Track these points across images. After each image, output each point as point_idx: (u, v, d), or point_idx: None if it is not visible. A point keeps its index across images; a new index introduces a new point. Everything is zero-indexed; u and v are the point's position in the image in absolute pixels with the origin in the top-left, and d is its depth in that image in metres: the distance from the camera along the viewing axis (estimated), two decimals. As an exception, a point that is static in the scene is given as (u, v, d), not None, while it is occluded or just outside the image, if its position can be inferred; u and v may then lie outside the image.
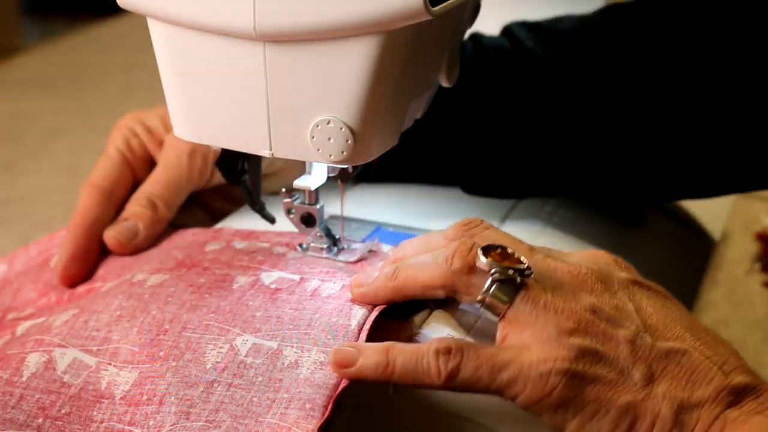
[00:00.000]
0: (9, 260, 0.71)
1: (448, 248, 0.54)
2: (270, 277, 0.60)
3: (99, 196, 0.69)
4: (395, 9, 0.52)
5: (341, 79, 0.55)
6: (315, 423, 0.51)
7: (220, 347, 0.55)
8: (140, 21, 0.59)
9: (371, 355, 0.52)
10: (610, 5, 0.76)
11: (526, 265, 0.53)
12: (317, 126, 0.57)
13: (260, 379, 0.54)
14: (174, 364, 0.55)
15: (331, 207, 0.67)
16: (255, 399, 0.53)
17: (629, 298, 0.54)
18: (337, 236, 0.65)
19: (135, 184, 0.71)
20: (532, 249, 0.56)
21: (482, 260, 0.53)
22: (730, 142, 0.70)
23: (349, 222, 0.69)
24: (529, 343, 0.51)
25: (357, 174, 0.63)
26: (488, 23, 0.71)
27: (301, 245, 0.65)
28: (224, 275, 0.60)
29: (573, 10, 0.87)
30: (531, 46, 0.73)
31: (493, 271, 0.53)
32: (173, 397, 0.53)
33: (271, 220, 0.67)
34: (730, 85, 0.69)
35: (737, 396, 0.51)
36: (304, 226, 0.64)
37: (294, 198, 0.64)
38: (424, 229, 0.69)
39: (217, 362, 0.55)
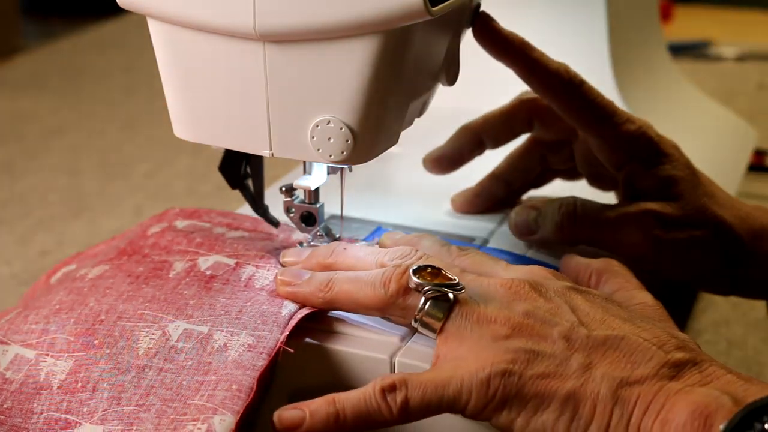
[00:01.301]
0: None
1: (386, 272, 0.55)
2: (206, 261, 0.61)
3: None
4: (395, 9, 0.52)
5: (341, 79, 0.55)
6: (241, 404, 0.52)
7: (153, 334, 0.57)
8: (140, 21, 0.59)
9: (319, 410, 0.52)
10: None
11: (456, 281, 0.54)
12: (317, 126, 0.57)
13: (190, 363, 0.55)
14: (108, 351, 0.56)
15: (331, 207, 0.67)
16: (184, 382, 0.54)
17: (565, 301, 0.54)
18: (338, 236, 0.65)
19: None
20: (463, 270, 0.57)
21: (414, 279, 0.54)
22: None
23: (349, 222, 0.69)
24: (466, 356, 0.52)
25: None
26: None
27: (300, 244, 0.65)
28: (162, 262, 0.62)
29: (574, 10, 0.87)
30: None
31: (426, 289, 0.54)
32: (106, 383, 0.55)
33: (275, 224, 0.67)
34: None
35: (679, 371, 0.51)
36: (304, 225, 0.64)
37: (294, 197, 0.64)
38: (424, 230, 0.69)
39: (149, 348, 0.56)
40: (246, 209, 0.74)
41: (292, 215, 0.65)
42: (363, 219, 0.71)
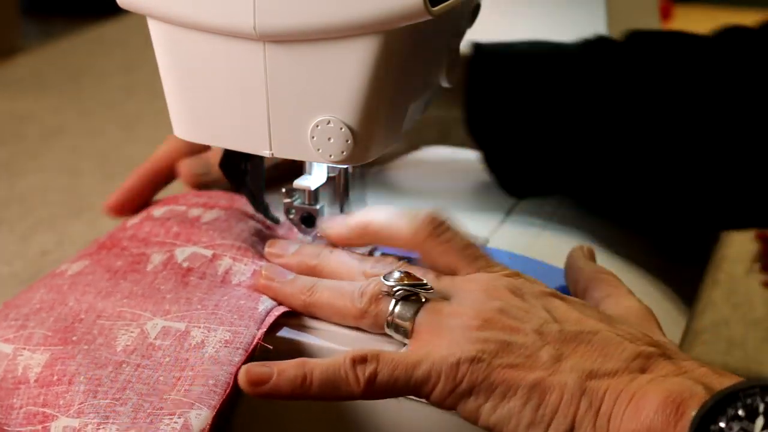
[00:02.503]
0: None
1: (362, 285, 0.56)
2: (183, 252, 0.61)
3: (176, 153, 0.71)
4: (395, 9, 0.52)
5: (341, 79, 0.55)
6: (217, 399, 0.53)
7: (131, 332, 0.57)
8: (140, 21, 0.59)
9: (287, 370, 0.52)
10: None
11: (425, 282, 0.55)
12: (317, 126, 0.57)
13: (167, 359, 0.55)
14: (86, 347, 0.57)
15: (330, 207, 0.67)
16: (161, 378, 0.55)
17: (541, 304, 0.54)
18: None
19: None
20: (439, 275, 0.57)
21: (385, 283, 0.55)
22: None
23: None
24: (439, 343, 0.52)
25: None
26: (488, 23, 0.71)
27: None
28: (140, 255, 0.62)
29: (573, 10, 0.87)
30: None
31: (395, 290, 0.55)
32: (82, 377, 0.55)
33: (276, 222, 0.67)
34: None
35: (651, 362, 0.51)
36: (304, 226, 0.64)
37: (294, 198, 0.64)
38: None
39: (127, 345, 0.56)
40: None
41: (292, 216, 0.65)
42: (363, 219, 0.71)
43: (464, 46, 0.66)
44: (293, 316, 0.58)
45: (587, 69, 0.70)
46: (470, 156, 0.81)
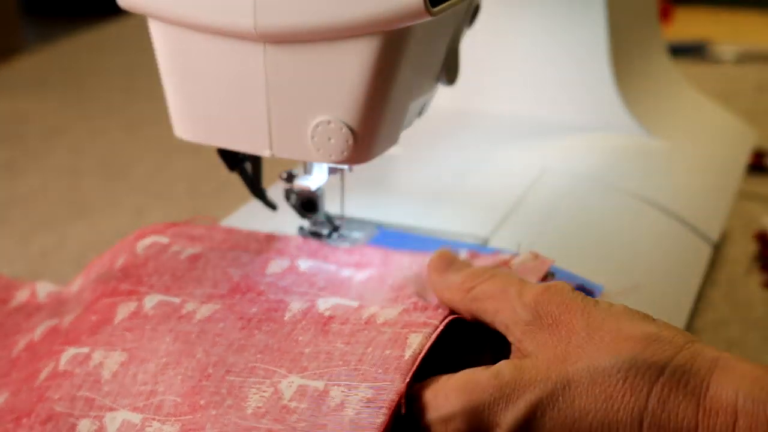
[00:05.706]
0: (85, 272, 0.66)
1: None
2: (326, 302, 0.56)
3: None
4: (395, 9, 0.52)
5: (341, 79, 0.55)
6: None
7: (264, 391, 0.52)
8: (140, 22, 0.59)
9: None
10: None
11: None
12: (317, 126, 0.57)
13: (303, 424, 0.50)
14: (214, 413, 0.52)
15: (331, 207, 0.67)
16: None
17: None
18: (338, 224, 0.65)
19: None
20: None
21: None
22: None
23: (349, 222, 0.70)
24: None
25: None
26: (488, 24, 0.71)
27: (301, 228, 0.65)
28: (278, 301, 0.57)
29: (573, 10, 0.87)
30: None
31: None
32: None
33: (273, 207, 0.67)
34: None
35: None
36: (304, 211, 0.65)
37: (293, 183, 0.64)
38: (424, 229, 0.69)
39: (258, 407, 0.51)
40: (245, 209, 0.74)
41: (291, 202, 0.65)
42: (363, 219, 0.71)
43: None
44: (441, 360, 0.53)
45: None
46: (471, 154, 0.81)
